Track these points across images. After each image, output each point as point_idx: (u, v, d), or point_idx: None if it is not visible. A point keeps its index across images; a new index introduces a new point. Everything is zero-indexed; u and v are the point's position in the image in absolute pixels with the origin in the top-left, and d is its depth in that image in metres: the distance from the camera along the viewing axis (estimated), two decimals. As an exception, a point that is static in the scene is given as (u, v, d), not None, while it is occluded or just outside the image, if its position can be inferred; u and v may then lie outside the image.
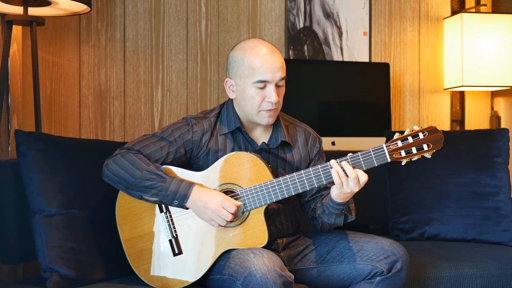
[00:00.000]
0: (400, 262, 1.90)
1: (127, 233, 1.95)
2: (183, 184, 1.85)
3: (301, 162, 2.05)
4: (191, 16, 3.08)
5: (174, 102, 3.05)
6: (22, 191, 1.98)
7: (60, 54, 2.84)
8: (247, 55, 1.91)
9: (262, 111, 1.93)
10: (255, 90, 1.90)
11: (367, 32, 3.35)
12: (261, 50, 1.91)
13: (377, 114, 3.22)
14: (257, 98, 1.91)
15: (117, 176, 1.88)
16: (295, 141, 2.06)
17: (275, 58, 1.91)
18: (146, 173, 1.85)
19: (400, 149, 1.82)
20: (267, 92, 1.90)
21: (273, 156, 2.01)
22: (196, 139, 1.97)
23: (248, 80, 1.90)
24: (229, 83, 1.98)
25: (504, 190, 2.63)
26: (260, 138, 2.02)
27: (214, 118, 2.01)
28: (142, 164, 1.87)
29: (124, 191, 1.90)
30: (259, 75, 1.89)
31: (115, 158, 1.90)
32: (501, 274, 2.30)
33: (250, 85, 1.91)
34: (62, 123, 2.85)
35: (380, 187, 2.83)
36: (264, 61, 1.89)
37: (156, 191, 1.85)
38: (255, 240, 1.85)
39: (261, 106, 1.92)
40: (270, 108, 1.92)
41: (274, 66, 1.89)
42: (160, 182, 1.85)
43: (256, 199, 1.86)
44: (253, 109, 1.93)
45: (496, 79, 3.28)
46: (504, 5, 3.67)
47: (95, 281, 1.95)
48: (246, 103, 1.93)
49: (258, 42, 1.94)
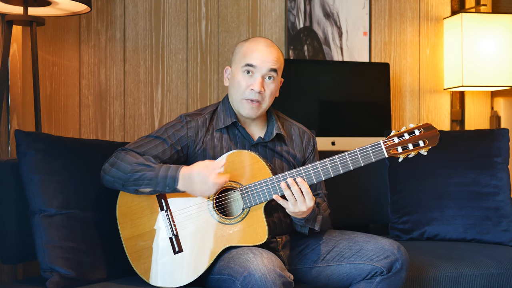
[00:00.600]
0: (400, 262, 1.90)
1: (127, 232, 1.95)
2: (171, 169, 1.86)
3: (296, 157, 2.08)
4: (191, 16, 3.08)
5: (174, 102, 3.05)
6: (22, 191, 1.98)
7: (60, 54, 2.84)
8: (246, 44, 2.00)
9: (244, 100, 1.97)
10: (242, 75, 1.96)
11: (367, 32, 3.35)
12: (260, 42, 1.99)
13: (377, 114, 3.22)
14: (243, 84, 1.96)
15: (112, 176, 1.90)
16: (290, 135, 2.10)
17: (269, 50, 1.97)
18: (135, 166, 1.87)
19: (397, 145, 1.85)
20: (252, 80, 1.95)
21: (269, 150, 2.04)
22: (191, 134, 1.99)
23: (239, 65, 1.98)
24: (227, 71, 2.06)
25: (504, 190, 2.63)
26: (256, 133, 2.05)
27: (209, 114, 2.04)
28: (132, 158, 1.90)
29: (122, 189, 1.92)
30: (248, 59, 1.95)
31: (109, 160, 1.94)
32: (501, 274, 2.30)
33: (239, 70, 1.98)
34: (62, 123, 2.85)
35: (380, 187, 2.83)
36: (257, 49, 1.96)
37: (148, 180, 1.86)
38: (255, 236, 1.86)
39: (244, 93, 1.96)
40: (252, 97, 1.95)
41: (266, 56, 1.95)
42: (149, 171, 1.86)
43: (256, 196, 1.87)
44: (237, 95, 1.98)
45: (496, 79, 3.28)
46: (504, 5, 3.67)
47: (95, 281, 1.95)
48: (233, 88, 1.99)
49: (262, 37, 2.03)
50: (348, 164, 1.86)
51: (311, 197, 1.84)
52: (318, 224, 1.97)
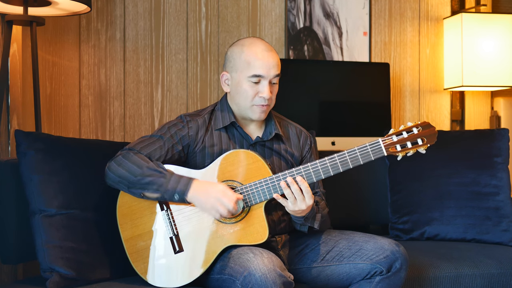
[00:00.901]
0: (399, 262, 1.90)
1: (128, 232, 1.95)
2: (183, 179, 1.88)
3: (294, 155, 2.09)
4: (191, 16, 3.08)
5: (174, 102, 3.05)
6: (22, 191, 1.98)
7: (60, 54, 2.84)
8: (245, 50, 1.98)
9: (254, 106, 1.99)
10: (250, 84, 1.97)
11: (367, 32, 3.35)
12: (258, 46, 1.98)
13: (377, 114, 3.22)
14: (251, 92, 1.97)
15: (118, 176, 1.90)
16: (287, 134, 2.12)
17: (271, 55, 1.98)
18: (147, 170, 1.88)
19: (396, 143, 1.87)
20: (260, 88, 1.97)
21: (267, 149, 2.05)
22: (192, 134, 2.01)
23: (244, 74, 1.97)
24: (225, 76, 2.05)
25: (504, 190, 2.63)
26: (254, 133, 2.07)
27: (208, 114, 2.06)
28: (143, 162, 1.90)
29: (126, 190, 1.92)
30: (255, 70, 1.95)
31: (116, 159, 1.93)
32: (501, 274, 2.30)
33: (245, 79, 1.97)
34: (62, 123, 2.85)
35: (380, 187, 2.83)
36: (260, 56, 1.96)
37: (157, 186, 1.87)
38: (255, 235, 1.86)
39: (254, 100, 1.98)
40: (262, 103, 1.98)
41: (270, 62, 1.96)
42: (160, 177, 1.87)
43: (256, 195, 1.88)
44: (246, 103, 1.99)
45: (496, 79, 3.28)
46: (504, 5, 3.67)
47: (95, 281, 1.95)
48: (240, 96, 1.99)
49: (256, 39, 2.02)
50: (347, 162, 1.87)
51: (310, 196, 1.85)
52: (317, 222, 1.98)
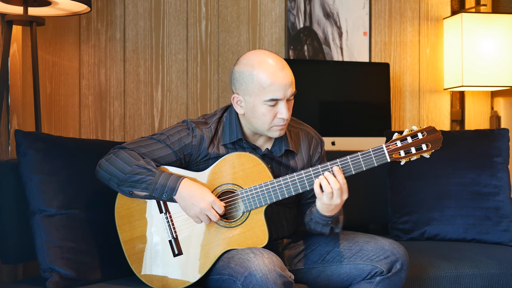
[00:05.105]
0: (400, 262, 1.90)
1: (126, 234, 1.94)
2: (172, 177, 1.84)
3: (304, 168, 2.02)
4: (191, 16, 3.08)
5: (174, 102, 3.05)
6: (22, 191, 1.98)
7: (60, 54, 2.84)
8: (256, 72, 1.84)
9: (273, 127, 1.89)
10: (266, 108, 1.85)
11: (367, 32, 3.35)
12: (270, 65, 1.84)
13: (377, 114, 3.22)
14: (269, 116, 1.86)
15: (108, 173, 1.88)
16: (298, 147, 2.03)
17: (285, 74, 1.85)
18: (136, 168, 1.85)
19: (400, 149, 1.82)
20: (278, 109, 1.86)
21: (276, 163, 1.99)
22: (195, 143, 1.94)
23: (259, 98, 1.85)
24: (236, 98, 1.91)
25: (504, 190, 2.63)
26: (264, 145, 2.00)
27: (215, 124, 1.97)
28: (132, 159, 1.87)
29: (116, 189, 1.90)
30: (271, 94, 1.83)
31: (107, 157, 1.91)
32: (501, 274, 2.30)
33: (261, 103, 1.85)
34: (62, 123, 2.85)
35: (380, 187, 2.83)
36: (275, 78, 1.83)
37: (146, 185, 1.84)
38: (255, 240, 1.85)
39: (272, 122, 1.88)
40: (282, 124, 1.88)
41: (285, 83, 1.84)
42: (149, 175, 1.84)
43: (256, 199, 1.86)
44: (264, 125, 1.89)
45: (496, 79, 3.28)
46: (504, 5, 3.67)
47: (95, 281, 1.95)
48: (257, 119, 1.89)
49: (264, 55, 1.87)
50: (350, 168, 1.84)
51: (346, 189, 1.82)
52: (340, 224, 1.94)
